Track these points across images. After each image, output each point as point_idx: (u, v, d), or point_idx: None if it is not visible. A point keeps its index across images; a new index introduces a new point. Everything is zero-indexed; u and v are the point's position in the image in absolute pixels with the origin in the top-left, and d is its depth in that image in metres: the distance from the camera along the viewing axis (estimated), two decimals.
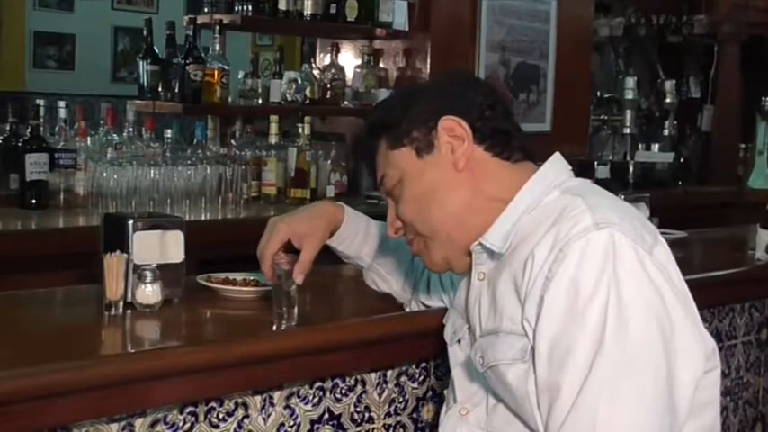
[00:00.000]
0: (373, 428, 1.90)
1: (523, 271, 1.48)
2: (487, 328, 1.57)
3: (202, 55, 3.75)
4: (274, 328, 1.73)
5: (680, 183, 5.23)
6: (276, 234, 1.83)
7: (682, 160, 5.36)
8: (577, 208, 1.47)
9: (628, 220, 1.48)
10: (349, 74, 4.35)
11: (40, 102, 3.41)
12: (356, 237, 1.92)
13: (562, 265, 1.42)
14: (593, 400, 1.38)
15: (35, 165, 3.23)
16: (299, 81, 4.07)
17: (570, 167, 1.65)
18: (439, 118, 1.58)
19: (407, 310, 1.97)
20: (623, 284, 1.40)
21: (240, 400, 1.70)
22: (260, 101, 4.06)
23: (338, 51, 4.33)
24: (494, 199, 1.58)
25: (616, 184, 4.59)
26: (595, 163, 4.75)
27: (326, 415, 1.83)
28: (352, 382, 1.86)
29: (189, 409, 1.64)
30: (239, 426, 1.70)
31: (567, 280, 1.42)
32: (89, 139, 3.46)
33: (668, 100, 5.50)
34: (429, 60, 4.29)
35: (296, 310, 1.74)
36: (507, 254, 1.55)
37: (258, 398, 1.73)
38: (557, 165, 1.63)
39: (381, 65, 4.45)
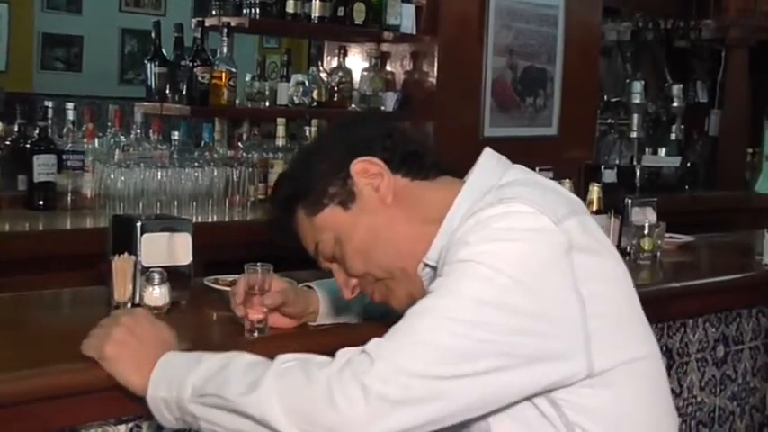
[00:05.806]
0: None
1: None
2: None
3: (210, 57, 3.75)
4: (246, 335, 1.70)
5: (687, 187, 5.23)
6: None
7: (689, 165, 5.36)
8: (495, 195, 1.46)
9: (540, 194, 1.44)
10: (356, 77, 4.35)
11: (48, 103, 3.40)
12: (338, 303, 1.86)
13: (456, 235, 1.41)
14: (422, 323, 1.35)
15: (43, 166, 3.23)
16: (307, 84, 4.08)
17: (503, 158, 1.60)
18: (348, 165, 1.56)
19: None
20: (507, 244, 1.36)
21: None
22: (267, 103, 4.06)
23: (345, 54, 4.33)
24: (427, 221, 1.55)
25: (623, 188, 4.58)
26: (602, 167, 4.74)
27: None
28: None
29: None
30: None
31: (456, 244, 1.40)
32: (97, 140, 3.45)
33: (675, 104, 5.50)
34: (436, 64, 4.28)
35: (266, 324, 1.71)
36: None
37: None
38: (484, 169, 1.58)
39: (389, 68, 4.45)
